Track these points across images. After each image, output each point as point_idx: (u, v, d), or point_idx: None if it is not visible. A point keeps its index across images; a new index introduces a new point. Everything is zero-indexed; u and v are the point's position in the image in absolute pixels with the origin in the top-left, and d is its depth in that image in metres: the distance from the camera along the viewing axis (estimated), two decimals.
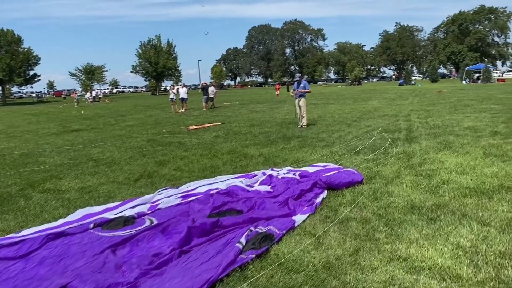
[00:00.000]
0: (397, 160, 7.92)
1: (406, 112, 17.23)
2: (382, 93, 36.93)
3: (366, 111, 18.49)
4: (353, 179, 6.17)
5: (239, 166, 8.28)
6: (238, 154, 9.52)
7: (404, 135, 10.92)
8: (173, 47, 78.18)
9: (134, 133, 15.04)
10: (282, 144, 10.60)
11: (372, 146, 9.64)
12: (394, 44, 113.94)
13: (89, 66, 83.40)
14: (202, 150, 10.41)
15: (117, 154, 10.50)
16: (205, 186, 6.38)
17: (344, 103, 25.23)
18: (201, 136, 13.14)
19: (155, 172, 8.11)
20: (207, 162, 8.87)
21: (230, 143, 11.20)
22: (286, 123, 15.25)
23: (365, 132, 11.83)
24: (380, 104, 23.11)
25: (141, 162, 9.30)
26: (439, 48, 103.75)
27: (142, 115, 24.20)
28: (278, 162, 8.43)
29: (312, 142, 10.54)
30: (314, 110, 20.83)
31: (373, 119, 15.04)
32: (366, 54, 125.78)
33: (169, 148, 10.97)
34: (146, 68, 75.63)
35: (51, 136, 15.53)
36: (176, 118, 20.74)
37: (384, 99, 27.17)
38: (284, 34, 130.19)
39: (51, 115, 29.90)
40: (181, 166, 8.59)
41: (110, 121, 21.05)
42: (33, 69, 66.36)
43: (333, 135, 11.68)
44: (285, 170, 7.20)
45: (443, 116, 14.79)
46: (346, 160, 8.26)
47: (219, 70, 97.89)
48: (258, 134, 12.63)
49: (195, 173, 7.83)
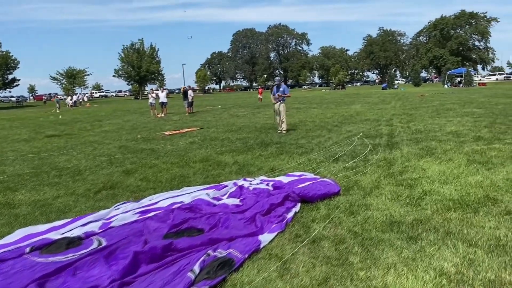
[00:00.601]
0: (377, 168, 7.48)
1: (388, 116, 16.91)
2: (365, 97, 36.79)
3: (348, 116, 18.13)
4: (329, 191, 5.70)
5: (211, 175, 7.75)
6: (212, 162, 8.99)
7: (385, 141, 10.52)
8: (156, 51, 77.32)
9: (107, 139, 14.38)
10: (259, 150, 10.11)
11: (352, 152, 9.20)
12: (378, 48, 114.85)
13: (71, 70, 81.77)
14: (174, 157, 9.85)
15: (84, 163, 9.87)
16: (168, 199, 5.85)
17: (326, 107, 24.89)
18: (176, 142, 12.57)
19: (119, 183, 7.53)
20: (177, 171, 8.32)
21: (205, 150, 10.66)
22: (266, 128, 14.77)
23: (346, 138, 11.41)
24: (362, 108, 22.82)
25: (107, 171, 8.70)
26: (422, 53, 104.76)
27: (120, 120, 23.48)
28: (252, 171, 7.93)
29: (290, 149, 10.06)
30: (296, 114, 20.42)
31: (355, 124, 14.66)
32: (350, 59, 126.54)
33: (140, 156, 10.38)
34: (129, 72, 74.54)
35: (19, 143, 14.77)
36: (155, 123, 20.11)
37: (367, 103, 26.93)
38: (269, 38, 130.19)
39: (27, 120, 28.92)
40: (149, 175, 8.02)
41: (86, 127, 20.31)
42: (11, 73, 64.85)
43: (313, 141, 11.23)
44: (258, 180, 6.70)
45: (425, 121, 14.48)
46: (324, 168, 7.80)
47: (203, 74, 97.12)
48: (235, 140, 12.12)
49: (162, 184, 7.27)
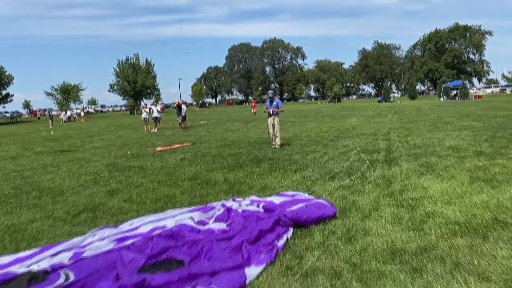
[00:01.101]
0: (376, 187, 7.05)
1: (385, 130, 16.55)
2: (361, 110, 36.56)
3: (344, 130, 17.76)
4: (324, 213, 5.26)
5: (199, 195, 7.30)
6: (201, 181, 8.54)
7: (383, 156, 10.12)
8: (151, 65, 77.24)
9: (96, 156, 13.91)
10: (251, 167, 9.67)
11: (348, 169, 8.78)
12: (373, 62, 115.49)
13: (66, 85, 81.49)
14: (162, 175, 9.39)
15: (68, 182, 9.39)
16: (150, 224, 5.38)
17: (322, 121, 24.56)
18: (166, 158, 12.12)
19: (101, 205, 7.06)
20: (163, 190, 7.86)
21: (195, 167, 10.22)
22: (259, 143, 14.35)
23: (342, 153, 11.00)
24: (359, 122, 22.48)
25: (91, 191, 8.23)
26: (417, 66, 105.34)
27: (112, 135, 23.01)
28: (243, 190, 7.48)
29: (284, 165, 9.63)
30: (291, 128, 20.05)
31: (351, 138, 14.27)
32: (345, 72, 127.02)
33: (127, 174, 9.92)
34: (124, 87, 74.32)
35: (5, 161, 14.27)
36: (147, 139, 19.67)
37: (363, 117, 26.63)
38: (264, 53, 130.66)
39: (18, 137, 28.39)
40: (133, 196, 7.56)
41: (76, 143, 19.83)
42: (5, 88, 64.36)
43: (308, 156, 10.81)
44: (248, 201, 6.25)
45: (423, 135, 14.12)
46: (319, 186, 7.36)
47: (199, 88, 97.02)
48: (227, 156, 11.68)
49: (146, 206, 6.81)
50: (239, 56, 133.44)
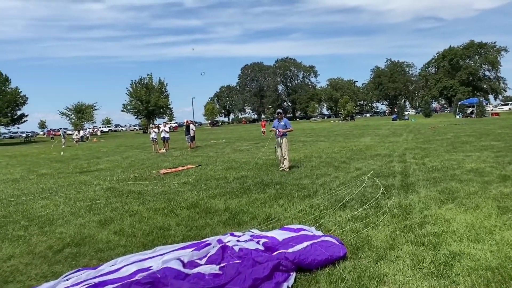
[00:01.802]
0: (392, 218, 6.32)
1: (400, 151, 15.77)
2: (375, 129, 35.72)
3: (357, 150, 17.02)
4: (332, 255, 4.56)
5: (195, 227, 6.64)
6: (200, 209, 7.89)
7: (399, 181, 9.37)
8: (164, 85, 77.64)
9: (98, 179, 13.39)
10: (256, 193, 9.00)
11: (361, 196, 8.05)
12: (386, 79, 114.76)
13: (80, 105, 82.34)
14: (160, 202, 8.77)
15: (61, 209, 8.83)
16: (134, 265, 4.75)
17: (334, 140, 23.82)
18: (168, 182, 11.53)
19: (88, 238, 6.45)
20: (158, 220, 7.23)
21: (196, 193, 9.59)
22: (267, 165, 13.69)
23: (355, 177, 10.27)
24: (372, 141, 21.70)
25: (82, 221, 7.64)
26: (431, 83, 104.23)
27: (119, 156, 22.59)
28: (244, 221, 6.81)
29: (291, 191, 8.94)
30: (301, 148, 19.37)
31: (364, 160, 13.52)
32: (359, 90, 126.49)
33: (125, 200, 9.33)
34: (137, 106, 74.69)
35: (6, 184, 13.84)
36: (153, 160, 19.16)
37: (377, 136, 25.84)
38: (277, 71, 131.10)
39: (28, 157, 28.18)
40: (126, 227, 6.94)
41: (82, 164, 19.41)
42: (20, 109, 65.12)
43: (317, 180, 10.10)
44: (247, 236, 5.59)
45: (441, 156, 13.31)
46: (328, 218, 6.65)
47: (211, 107, 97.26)
48: (232, 180, 11.04)
49: (136, 239, 6.17)
50: (252, 75, 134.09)
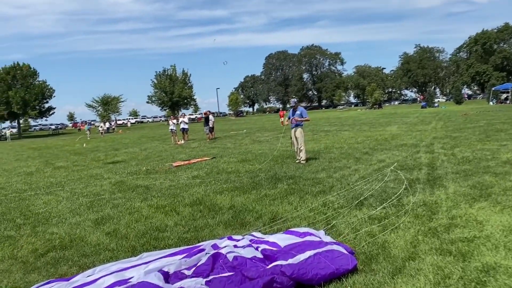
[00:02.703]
0: (414, 219, 5.52)
1: (428, 140, 14.73)
2: (402, 117, 34.35)
3: (382, 140, 16.06)
4: (339, 268, 3.84)
5: (193, 228, 6.02)
6: (204, 206, 7.28)
7: (425, 175, 8.49)
8: (188, 76, 77.49)
9: (110, 172, 12.99)
10: (266, 188, 8.32)
11: (382, 192, 7.25)
12: (415, 66, 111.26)
13: (106, 97, 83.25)
14: (164, 198, 8.21)
15: (62, 205, 8.40)
16: (113, 276, 4.18)
17: (359, 130, 22.82)
18: (178, 176, 10.98)
19: (78, 239, 5.93)
20: (158, 219, 6.65)
21: (204, 187, 8.98)
22: (284, 156, 12.96)
23: (376, 170, 9.43)
24: (399, 130, 20.62)
25: (78, 219, 7.15)
26: (462, 69, 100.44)
27: (138, 148, 22.28)
28: (248, 221, 6.15)
29: (304, 186, 8.20)
30: (323, 138, 18.53)
31: (389, 151, 12.61)
32: (387, 77, 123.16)
33: (129, 196, 8.81)
34: (162, 97, 74.94)
35: (19, 177, 13.64)
36: (170, 151, 18.72)
37: (405, 124, 24.65)
38: (302, 60, 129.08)
39: (50, 150, 28.35)
40: (121, 227, 6.39)
41: (100, 156, 19.16)
42: (47, 101, 66.30)
43: (335, 174, 9.32)
44: (246, 240, 4.93)
45: (473, 145, 12.26)
46: (342, 218, 5.90)
47: (235, 97, 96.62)
48: (244, 174, 10.38)
49: (127, 242, 5.60)
50: (276, 64, 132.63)
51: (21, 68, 62.01)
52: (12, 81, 60.46)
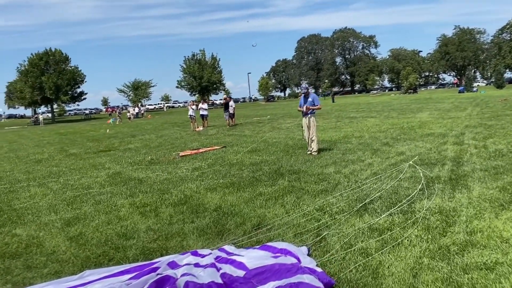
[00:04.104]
0: (424, 233, 4.51)
1: (459, 129, 13.36)
2: (436, 102, 32.42)
3: (407, 128, 14.77)
4: None
5: (164, 235, 5.21)
6: (188, 206, 6.46)
7: (448, 172, 7.36)
8: (217, 61, 76.71)
9: (113, 161, 12.41)
10: (264, 185, 7.42)
11: (392, 193, 6.22)
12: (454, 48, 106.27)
13: (137, 82, 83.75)
14: (152, 195, 7.45)
15: (45, 200, 7.79)
16: None
17: (386, 116, 21.43)
18: (179, 167, 10.23)
19: (35, 245, 5.25)
20: (130, 222, 5.89)
21: (198, 183, 8.17)
22: (297, 147, 11.97)
23: (392, 165, 8.34)
24: (430, 117, 19.14)
25: (51, 218, 6.49)
26: (505, 51, 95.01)
27: (154, 135, 21.75)
28: (228, 228, 5.28)
29: (306, 184, 7.24)
30: (345, 126, 17.37)
31: (412, 141, 11.41)
32: (423, 60, 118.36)
33: (117, 190, 8.12)
34: (191, 82, 74.70)
35: (25, 165, 13.29)
36: (186, 139, 18.06)
37: (437, 110, 23.02)
38: (334, 43, 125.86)
39: (74, 135, 28.35)
40: (87, 230, 5.67)
41: (114, 143, 18.73)
42: (79, 86, 67.25)
43: (345, 169, 8.29)
44: (211, 258, 4.10)
45: (509, 136, 10.90)
46: (335, 229, 4.94)
47: (265, 82, 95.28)
48: (247, 166, 9.50)
49: (83, 252, 4.85)
50: (308, 48, 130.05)
51: (53, 54, 62.95)
52: (45, 66, 61.51)
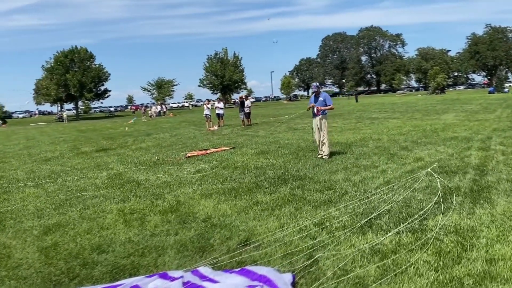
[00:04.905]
0: (434, 259, 3.82)
1: (486, 132, 12.42)
2: (464, 103, 31.09)
3: (430, 131, 13.89)
4: None
5: (141, 249, 4.67)
6: (177, 215, 5.92)
7: (470, 181, 6.58)
8: (239, 59, 76.39)
9: (120, 161, 12.03)
10: (263, 192, 6.81)
11: (404, 206, 5.52)
12: (484, 47, 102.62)
13: (160, 80, 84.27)
14: (144, 200, 6.95)
15: (35, 203, 7.40)
16: None
17: (410, 118, 20.47)
18: (182, 169, 9.73)
19: (3, 256, 4.80)
20: (111, 232, 5.38)
21: (195, 187, 7.62)
22: (308, 149, 11.32)
23: (408, 172, 7.60)
24: (455, 119, 18.13)
25: (32, 224, 6.06)
26: None
27: (168, 134, 21.40)
28: (211, 243, 4.71)
29: (310, 193, 6.59)
30: (365, 127, 16.57)
31: (433, 145, 10.58)
32: (452, 60, 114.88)
33: (111, 194, 7.65)
34: (213, 81, 74.61)
35: (33, 164, 13.05)
36: (198, 138, 17.62)
37: (464, 112, 21.91)
38: (360, 42, 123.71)
39: (93, 132, 28.40)
40: (64, 240, 5.20)
41: (128, 142, 18.46)
42: (103, 84, 68.04)
43: (355, 176, 7.60)
44: (179, 284, 3.54)
45: None
46: (331, 249, 4.30)
47: (288, 81, 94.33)
48: (251, 170, 8.90)
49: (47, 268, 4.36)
50: (333, 46, 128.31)
51: (78, 52, 63.86)
52: (70, 64, 62.44)
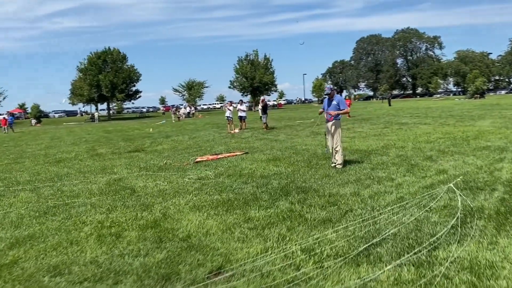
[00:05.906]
0: None
1: None
2: (503, 109, 29.27)
3: (461, 139, 12.79)
4: None
5: (99, 274, 4.08)
6: (156, 231, 5.32)
7: (497, 201, 5.67)
8: (270, 61, 75.70)
9: (125, 165, 11.65)
10: (259, 206, 6.13)
11: (413, 230, 4.71)
12: None
13: (191, 82, 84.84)
14: (129, 212, 6.40)
15: (22, 209, 7.01)
16: None
17: (442, 124, 19.23)
18: (186, 175, 9.17)
19: None
20: (80, 248, 4.84)
21: (190, 197, 7.02)
22: (323, 157, 10.49)
23: (427, 187, 6.72)
24: (491, 126, 16.82)
25: (8, 234, 5.61)
26: None
27: (187, 136, 20.98)
28: (182, 268, 4.07)
29: (309, 209, 5.85)
30: (391, 133, 15.59)
31: (461, 156, 9.58)
32: (493, 63, 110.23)
33: (101, 203, 7.17)
34: (243, 83, 74.32)
35: (43, 165, 12.85)
36: (216, 141, 17.11)
37: (502, 118, 20.43)
38: (396, 44, 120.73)
39: (117, 133, 28.51)
40: (26, 256, 4.70)
41: (145, 144, 18.18)
42: (134, 85, 69.00)
43: (366, 190, 6.78)
44: None
45: None
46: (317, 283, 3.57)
47: (319, 83, 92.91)
48: (255, 179, 8.22)
49: None
50: (368, 49, 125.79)
51: (111, 53, 65.02)
52: (102, 65, 63.66)
